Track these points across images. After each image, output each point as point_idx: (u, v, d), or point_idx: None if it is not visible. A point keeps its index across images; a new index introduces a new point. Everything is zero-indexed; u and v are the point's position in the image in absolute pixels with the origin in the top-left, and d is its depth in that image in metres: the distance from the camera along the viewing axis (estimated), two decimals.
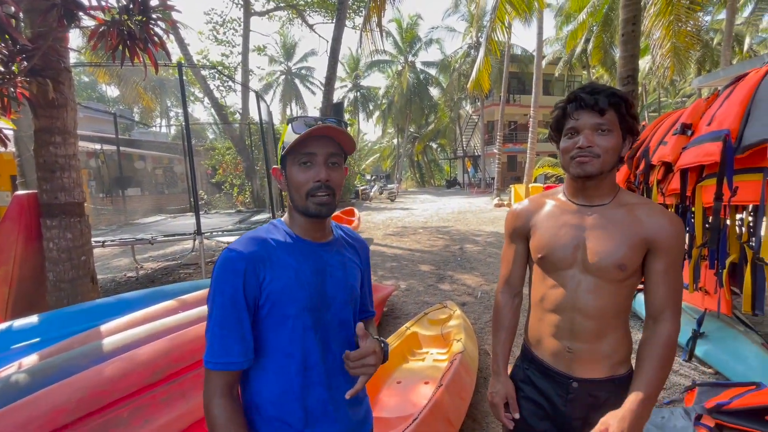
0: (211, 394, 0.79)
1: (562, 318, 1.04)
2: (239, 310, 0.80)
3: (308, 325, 0.85)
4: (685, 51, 8.41)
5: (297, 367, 0.85)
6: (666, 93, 28.32)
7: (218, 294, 0.80)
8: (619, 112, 0.96)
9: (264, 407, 0.85)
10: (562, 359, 1.05)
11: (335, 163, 0.88)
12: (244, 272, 0.80)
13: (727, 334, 2.75)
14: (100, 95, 31.08)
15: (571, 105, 0.99)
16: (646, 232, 0.97)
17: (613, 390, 1.01)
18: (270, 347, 0.85)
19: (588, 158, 0.96)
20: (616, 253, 0.97)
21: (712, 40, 19.92)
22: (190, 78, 12.56)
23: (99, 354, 1.80)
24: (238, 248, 0.82)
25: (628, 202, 1.01)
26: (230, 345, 0.79)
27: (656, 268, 0.97)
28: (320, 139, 0.85)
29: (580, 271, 1.02)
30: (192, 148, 4.86)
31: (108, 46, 2.68)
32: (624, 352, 1.04)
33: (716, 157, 1.90)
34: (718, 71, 8.58)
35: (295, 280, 0.84)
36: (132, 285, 5.65)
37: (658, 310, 0.97)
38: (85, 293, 3.23)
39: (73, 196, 3.18)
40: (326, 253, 0.91)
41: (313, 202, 0.85)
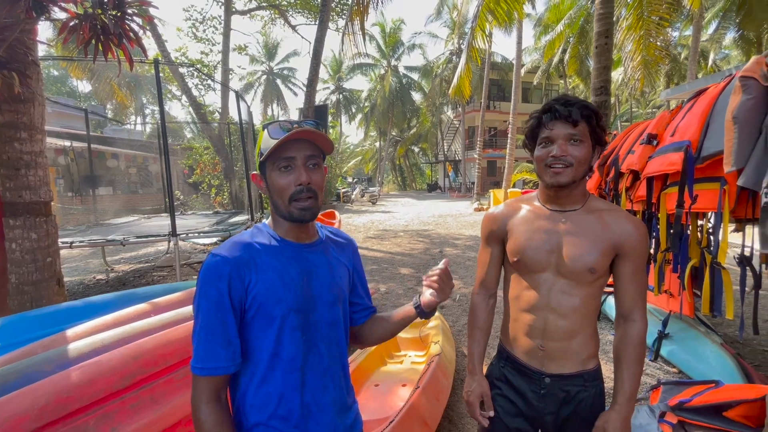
0: (199, 399, 0.80)
1: (536, 317, 1.10)
2: (225, 313, 0.80)
3: (295, 326, 0.85)
4: (655, 64, 8.81)
5: (284, 368, 0.85)
6: (637, 104, 29.52)
7: (204, 299, 0.81)
8: (590, 124, 1.02)
9: (251, 410, 0.85)
10: (535, 356, 1.11)
11: (315, 165, 0.88)
12: (229, 276, 0.80)
13: (689, 335, 2.88)
14: (71, 90, 29.85)
15: (546, 115, 1.04)
16: (614, 237, 1.04)
17: (582, 384, 1.09)
18: (257, 350, 0.85)
19: (562, 169, 1.02)
20: (587, 257, 1.04)
21: (679, 55, 20.94)
22: (168, 75, 12.23)
23: (64, 359, 1.73)
24: (223, 253, 0.83)
25: (597, 208, 1.08)
26: (216, 350, 0.80)
27: (624, 272, 1.06)
28: (298, 142, 0.86)
29: (554, 273, 1.08)
30: (168, 147, 4.74)
31: (80, 41, 2.59)
32: (592, 349, 1.11)
33: (678, 167, 2.01)
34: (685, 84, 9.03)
35: (280, 281, 0.84)
36: (102, 288, 5.44)
37: (629, 310, 1.07)
38: (51, 296, 3.09)
39: (39, 195, 3.05)
40: (311, 254, 0.92)
41: (297, 207, 0.86)
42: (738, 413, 2.13)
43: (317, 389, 0.88)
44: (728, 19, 15.79)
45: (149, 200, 14.73)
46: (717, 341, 2.78)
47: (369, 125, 33.37)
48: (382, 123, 30.70)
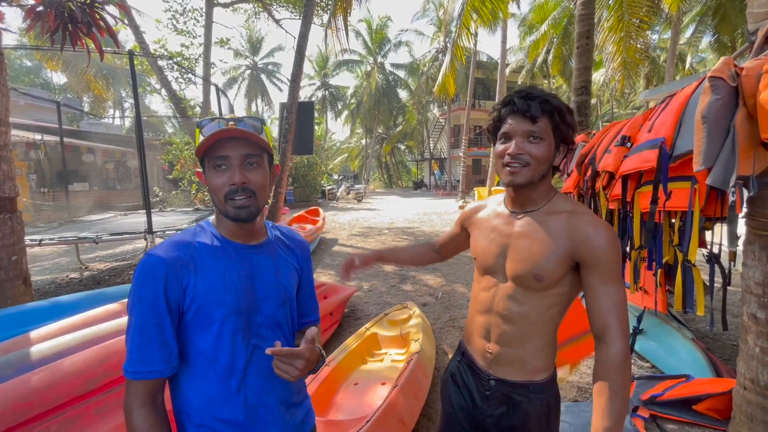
0: (131, 404, 0.77)
1: (486, 319, 1.08)
2: (160, 316, 0.78)
3: (236, 329, 0.83)
4: (635, 66, 9.00)
5: (224, 371, 0.83)
6: (618, 105, 30.20)
7: (137, 300, 0.78)
8: (553, 120, 0.95)
9: (194, 412, 0.83)
10: (484, 357, 1.09)
11: (253, 164, 0.85)
12: (165, 277, 0.78)
13: (662, 330, 2.96)
14: (45, 81, 28.73)
15: (506, 109, 0.98)
16: (571, 243, 0.93)
17: (527, 395, 1.02)
18: (196, 352, 0.82)
19: (518, 168, 0.95)
20: (533, 263, 0.96)
21: (659, 57, 21.49)
22: (146, 68, 11.88)
23: (26, 363, 1.66)
24: (159, 253, 0.80)
25: (560, 210, 0.98)
26: (150, 352, 0.77)
27: (589, 282, 0.92)
28: (234, 140, 0.82)
29: (503, 278, 1.04)
30: (143, 142, 4.59)
31: (46, 29, 2.47)
32: (544, 360, 1.03)
33: (653, 163, 2.04)
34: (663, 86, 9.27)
35: (221, 283, 0.82)
36: (74, 287, 5.25)
37: (601, 330, 0.90)
38: (16, 296, 2.96)
39: (3, 191, 2.91)
40: (256, 255, 0.90)
41: (232, 206, 0.83)
42: (706, 406, 2.19)
43: (262, 390, 0.86)
44: (704, 23, 16.26)
45: (127, 197, 14.31)
46: (688, 336, 2.86)
47: (355, 122, 33.22)
48: (368, 120, 30.59)
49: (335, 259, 6.82)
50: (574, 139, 1.00)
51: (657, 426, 2.22)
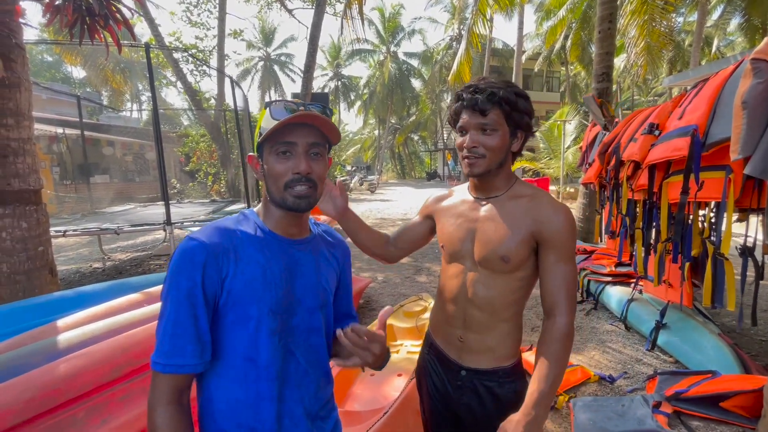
0: (157, 400, 0.71)
1: (457, 308, 1.08)
2: (196, 306, 0.72)
3: (272, 329, 0.77)
4: (658, 50, 8.65)
5: (256, 373, 0.77)
6: (639, 91, 29.22)
7: (173, 288, 0.72)
8: (504, 110, 0.97)
9: (219, 416, 0.78)
10: (454, 347, 1.10)
11: (317, 154, 0.81)
12: (204, 265, 0.72)
13: (687, 325, 2.87)
14: (65, 76, 29.38)
15: (457, 105, 1.02)
16: (532, 224, 0.98)
17: (497, 380, 1.06)
18: (228, 350, 0.77)
19: (474, 161, 1.00)
20: (499, 244, 1.00)
21: (683, 41, 20.62)
22: (162, 61, 12.00)
23: (53, 351, 1.70)
24: (200, 237, 0.74)
25: (520, 194, 1.04)
26: (183, 345, 0.71)
27: (546, 261, 0.98)
28: (302, 127, 0.78)
29: (471, 263, 1.06)
30: (160, 134, 4.65)
31: (65, 22, 2.50)
32: (510, 345, 1.06)
33: (684, 152, 1.95)
34: (688, 71, 8.89)
35: (261, 278, 0.76)
36: (98, 276, 5.41)
37: (551, 305, 0.96)
38: (43, 286, 3.06)
39: (28, 183, 2.98)
40: (299, 251, 0.84)
41: (291, 195, 0.78)
42: (735, 404, 2.12)
43: (292, 400, 0.81)
44: (733, 4, 15.49)
45: (146, 188, 14.62)
46: (715, 331, 2.76)
47: (368, 113, 33.03)
48: (381, 110, 30.38)
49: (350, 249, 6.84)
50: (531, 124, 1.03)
51: (681, 422, 2.17)
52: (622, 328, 3.42)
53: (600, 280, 3.96)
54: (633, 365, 2.82)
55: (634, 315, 3.32)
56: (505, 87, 0.98)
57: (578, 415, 2.21)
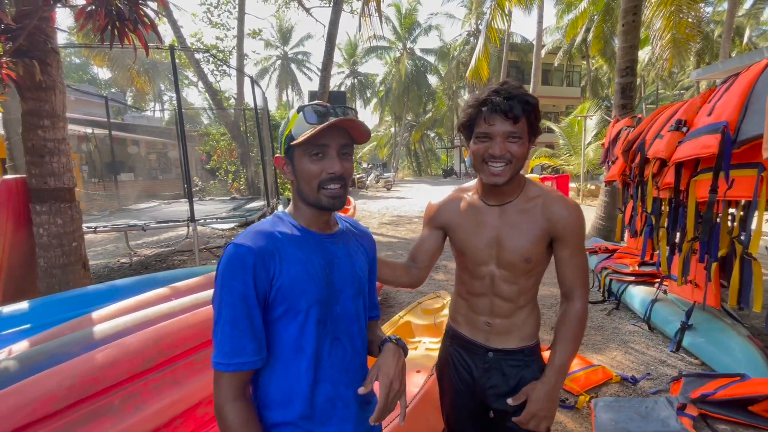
0: (224, 397, 0.76)
1: (483, 300, 1.15)
2: (251, 307, 0.77)
3: (318, 319, 0.83)
4: (685, 42, 8.35)
5: (308, 363, 0.82)
6: (664, 85, 28.23)
7: (227, 292, 0.76)
8: (530, 120, 0.99)
9: (272, 407, 0.83)
10: (482, 332, 1.16)
11: (346, 154, 0.85)
12: (254, 267, 0.77)
13: (714, 327, 2.79)
14: (92, 77, 30.42)
15: (485, 109, 0.98)
16: (546, 223, 1.05)
17: (522, 359, 1.14)
18: (280, 344, 0.82)
19: (500, 170, 1.00)
20: (522, 248, 1.06)
21: (712, 32, 19.79)
22: (184, 61, 12.29)
23: (89, 341, 1.80)
24: (247, 243, 0.79)
25: (533, 195, 1.09)
26: (243, 344, 0.76)
27: (561, 255, 1.07)
28: (334, 129, 0.81)
29: (495, 265, 1.11)
30: (184, 134, 4.79)
31: (96, 27, 2.60)
32: (532, 326, 1.16)
33: (714, 149, 1.89)
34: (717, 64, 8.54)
35: (305, 273, 0.81)
36: (125, 271, 5.62)
37: (568, 291, 1.10)
38: (77, 279, 3.21)
39: (63, 181, 3.13)
40: (333, 245, 0.89)
41: (326, 195, 0.82)
42: (765, 408, 2.06)
43: (341, 383, 0.86)
44: None
45: (169, 186, 15.03)
46: (743, 333, 2.68)
47: (384, 110, 33.02)
48: (397, 108, 30.30)
49: None
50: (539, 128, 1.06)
51: (707, 425, 2.12)
52: (645, 328, 3.35)
53: (622, 279, 3.88)
54: (657, 366, 2.77)
55: (658, 315, 3.24)
56: (530, 95, 1.00)
57: (599, 415, 2.19)
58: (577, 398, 2.40)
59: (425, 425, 1.88)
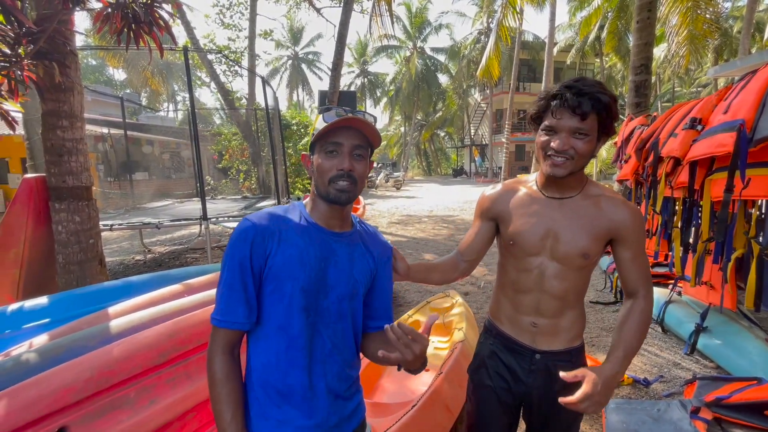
0: (215, 349, 0.86)
1: (530, 297, 1.13)
2: (245, 275, 0.85)
3: (303, 306, 0.87)
4: (703, 39, 8.17)
5: (289, 344, 0.87)
6: (681, 83, 27.63)
7: (229, 257, 0.86)
8: (600, 117, 0.98)
9: (254, 374, 0.90)
10: (527, 333, 1.15)
11: (360, 155, 0.91)
12: (252, 241, 0.85)
13: (730, 329, 2.73)
14: (108, 78, 31.06)
15: (555, 102, 0.98)
16: (609, 223, 1.05)
17: (569, 360, 1.13)
18: (266, 318, 0.89)
19: (561, 162, 1.00)
20: (580, 242, 1.05)
21: (731, 28, 19.31)
22: (197, 62, 12.47)
23: (106, 335, 1.85)
24: (253, 219, 0.88)
25: (594, 194, 1.09)
26: (235, 306, 0.85)
27: (624, 257, 1.07)
28: (348, 130, 0.88)
29: (548, 257, 1.10)
30: (198, 134, 4.86)
31: (113, 29, 2.66)
32: (579, 327, 1.16)
33: (729, 148, 1.85)
34: (735, 61, 8.33)
35: (297, 258, 0.87)
36: (140, 268, 5.74)
37: (633, 290, 1.09)
38: (94, 276, 3.29)
39: (81, 180, 3.21)
40: (336, 242, 0.93)
41: (334, 188, 0.88)
42: None
43: (315, 374, 0.89)
44: None
45: (182, 185, 15.26)
46: (761, 336, 2.62)
47: (394, 109, 33.00)
48: (407, 107, 30.25)
49: None
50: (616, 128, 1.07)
51: (722, 429, 2.08)
52: (658, 330, 3.30)
53: None
54: (670, 369, 2.72)
55: (672, 317, 3.19)
56: (604, 92, 0.97)
57: (610, 417, 2.17)
58: None
59: (433, 423, 1.89)
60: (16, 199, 3.19)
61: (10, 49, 2.54)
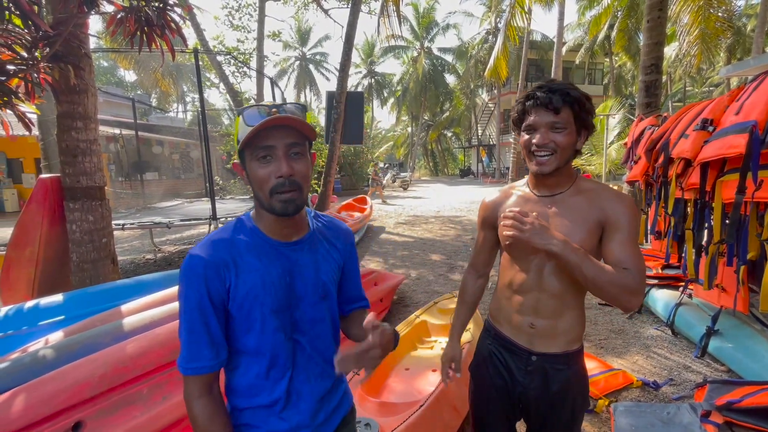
0: (190, 396, 0.81)
1: (528, 297, 1.14)
2: (206, 315, 0.79)
3: (277, 327, 0.84)
4: (715, 38, 8.05)
5: (267, 365, 0.86)
6: (692, 82, 27.24)
7: (185, 299, 0.80)
8: (574, 110, 1.02)
9: (238, 396, 0.88)
10: (525, 334, 1.16)
11: (298, 153, 0.81)
12: (206, 278, 0.79)
13: (742, 333, 2.70)
14: (118, 80, 31.52)
15: (529, 103, 1.05)
16: (600, 214, 1.06)
17: (566, 363, 1.13)
18: (240, 347, 0.86)
19: (545, 159, 1.04)
20: (575, 237, 1.05)
21: (744, 26, 18.98)
22: (206, 64, 12.61)
23: (120, 332, 1.89)
24: (200, 254, 0.80)
25: (584, 189, 1.11)
26: (200, 350, 0.80)
27: (612, 242, 1.03)
28: (278, 128, 0.78)
29: (544, 256, 1.10)
30: (207, 135, 4.93)
31: (126, 32, 2.72)
32: (578, 330, 1.15)
33: (741, 149, 1.83)
34: (749, 60, 8.19)
35: (260, 283, 0.82)
36: (150, 267, 5.82)
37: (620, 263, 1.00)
38: (107, 274, 3.35)
39: (94, 180, 3.28)
40: (295, 252, 0.88)
41: (278, 200, 0.80)
42: None
43: (298, 381, 0.89)
44: None
45: (191, 185, 15.43)
46: None
47: (401, 109, 32.96)
48: (414, 107, 30.22)
49: (382, 246, 6.92)
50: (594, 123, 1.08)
51: None
52: (668, 333, 3.27)
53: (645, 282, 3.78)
54: (680, 372, 2.70)
55: (682, 320, 3.15)
56: (574, 89, 1.04)
57: (619, 420, 2.16)
58: (596, 402, 2.37)
59: (441, 423, 1.90)
60: (31, 199, 3.26)
61: (27, 52, 2.61)
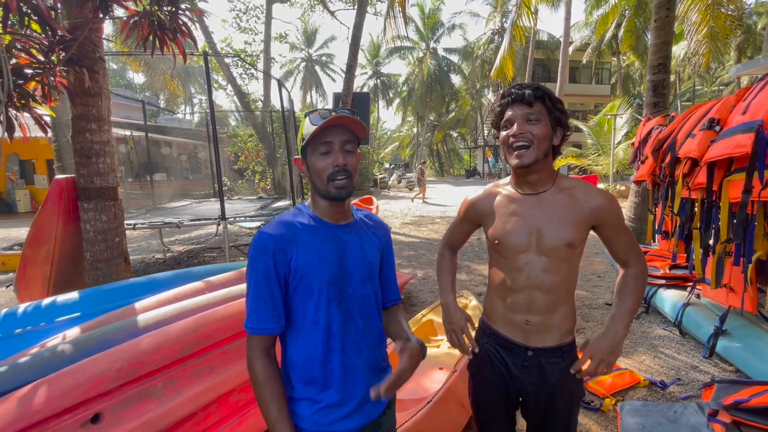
0: (252, 354, 0.93)
1: (521, 295, 1.17)
2: (271, 284, 0.93)
3: (331, 297, 0.95)
4: (724, 36, 7.97)
5: (322, 334, 0.96)
6: (702, 81, 26.92)
7: (253, 270, 0.93)
8: (545, 104, 1.10)
9: (295, 367, 0.98)
10: (520, 331, 1.19)
11: (350, 150, 0.98)
12: (273, 251, 0.92)
13: (750, 333, 2.69)
14: (128, 82, 31.94)
15: (505, 101, 1.14)
16: (587, 211, 1.12)
17: (560, 355, 1.18)
18: (299, 317, 0.96)
19: (524, 150, 1.09)
20: (564, 233, 1.11)
21: (755, 24, 18.73)
22: (214, 66, 12.75)
23: (135, 329, 1.94)
24: (269, 231, 0.95)
25: (566, 186, 1.16)
26: (264, 314, 0.93)
27: (610, 237, 1.16)
28: (335, 128, 0.95)
29: (536, 253, 1.15)
30: (217, 136, 5.00)
31: (139, 36, 2.78)
32: (570, 323, 1.20)
33: (747, 149, 1.84)
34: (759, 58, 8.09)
35: (317, 257, 0.94)
36: (160, 266, 5.91)
37: (625, 260, 1.19)
38: (119, 273, 3.43)
39: (108, 181, 3.35)
40: (345, 233, 1.01)
41: (334, 186, 0.95)
42: None
43: (352, 353, 0.98)
44: None
45: (199, 185, 15.57)
46: None
47: (406, 110, 33.00)
48: (419, 108, 30.23)
49: None
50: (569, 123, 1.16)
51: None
52: (676, 333, 3.26)
53: (653, 282, 3.77)
54: (688, 372, 2.69)
55: (690, 320, 3.14)
56: (544, 87, 1.13)
57: (626, 419, 2.16)
58: (602, 401, 2.38)
59: (448, 420, 1.93)
60: (47, 199, 3.34)
61: (44, 56, 2.68)
